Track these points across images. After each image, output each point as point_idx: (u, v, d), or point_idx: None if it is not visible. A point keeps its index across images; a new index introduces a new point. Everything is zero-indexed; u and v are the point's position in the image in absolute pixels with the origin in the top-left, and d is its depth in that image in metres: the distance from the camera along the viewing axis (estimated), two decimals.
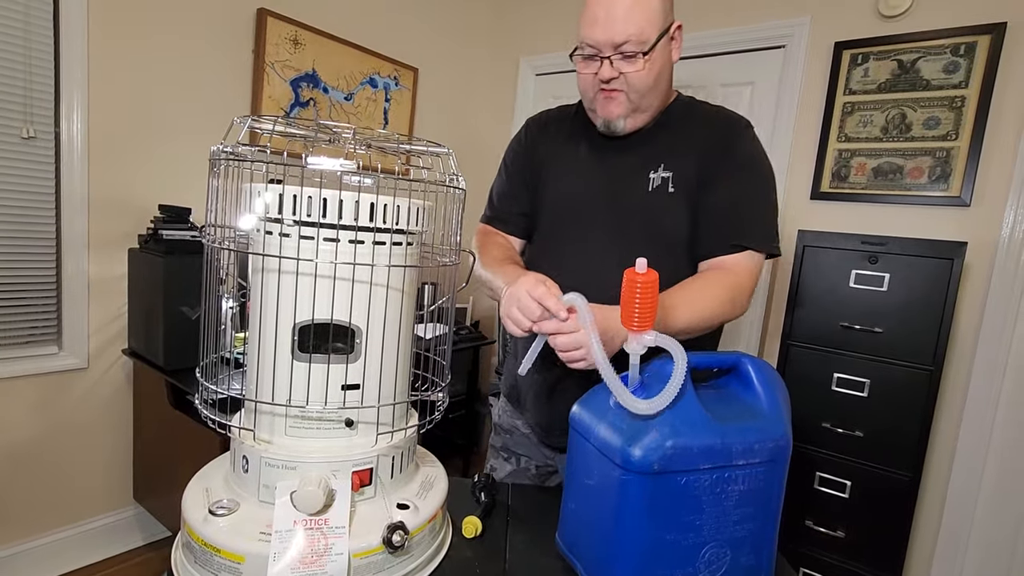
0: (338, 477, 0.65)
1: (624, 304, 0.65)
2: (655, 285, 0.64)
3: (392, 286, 0.67)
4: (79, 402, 1.73)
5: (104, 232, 1.70)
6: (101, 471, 1.82)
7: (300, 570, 0.60)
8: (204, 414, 0.66)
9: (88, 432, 1.77)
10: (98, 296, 1.72)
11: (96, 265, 1.70)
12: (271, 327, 0.64)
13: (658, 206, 0.96)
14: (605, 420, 0.68)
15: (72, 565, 1.77)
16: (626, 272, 0.65)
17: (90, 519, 1.82)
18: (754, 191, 0.94)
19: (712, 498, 0.65)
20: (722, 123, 0.97)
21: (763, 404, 0.71)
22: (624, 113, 0.94)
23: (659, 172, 0.96)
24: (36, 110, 1.55)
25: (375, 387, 0.67)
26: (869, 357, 1.51)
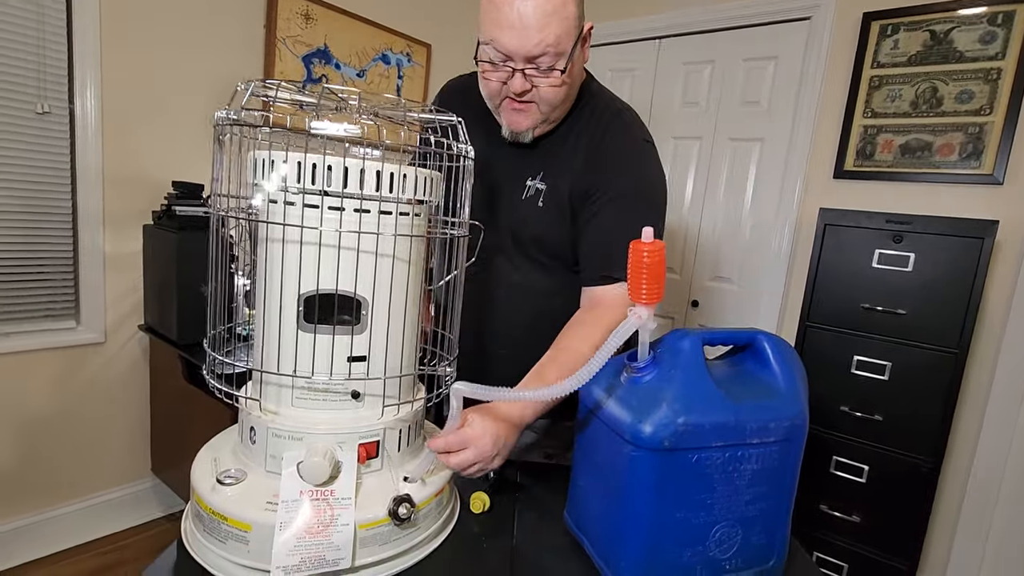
0: (344, 449, 0.65)
1: (632, 276, 0.63)
2: (662, 254, 0.62)
3: (398, 257, 0.66)
4: (97, 376, 1.77)
5: (119, 208, 1.71)
6: (119, 444, 1.86)
7: (306, 540, 0.60)
8: (211, 384, 0.66)
9: (106, 406, 1.81)
10: (114, 272, 1.74)
11: (112, 241, 1.72)
12: (277, 297, 0.64)
13: (528, 217, 0.94)
14: (615, 396, 0.67)
15: (92, 535, 1.83)
16: (632, 243, 0.63)
17: (109, 490, 1.86)
18: (633, 220, 0.85)
19: (724, 476, 0.64)
20: (611, 140, 0.90)
21: (779, 382, 0.69)
22: (533, 126, 0.89)
23: (535, 181, 0.93)
24: (50, 85, 1.55)
25: (381, 359, 0.66)
26: (891, 339, 1.46)
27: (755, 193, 2.14)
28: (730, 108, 2.17)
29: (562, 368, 0.79)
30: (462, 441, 0.69)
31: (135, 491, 1.93)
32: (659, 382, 0.65)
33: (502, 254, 0.98)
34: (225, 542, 0.61)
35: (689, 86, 2.27)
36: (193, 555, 0.64)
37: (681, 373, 0.64)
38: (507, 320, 1.00)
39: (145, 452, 1.92)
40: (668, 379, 0.64)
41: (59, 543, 1.76)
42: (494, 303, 0.99)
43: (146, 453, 1.92)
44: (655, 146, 0.94)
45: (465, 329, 0.87)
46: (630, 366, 0.68)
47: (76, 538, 1.79)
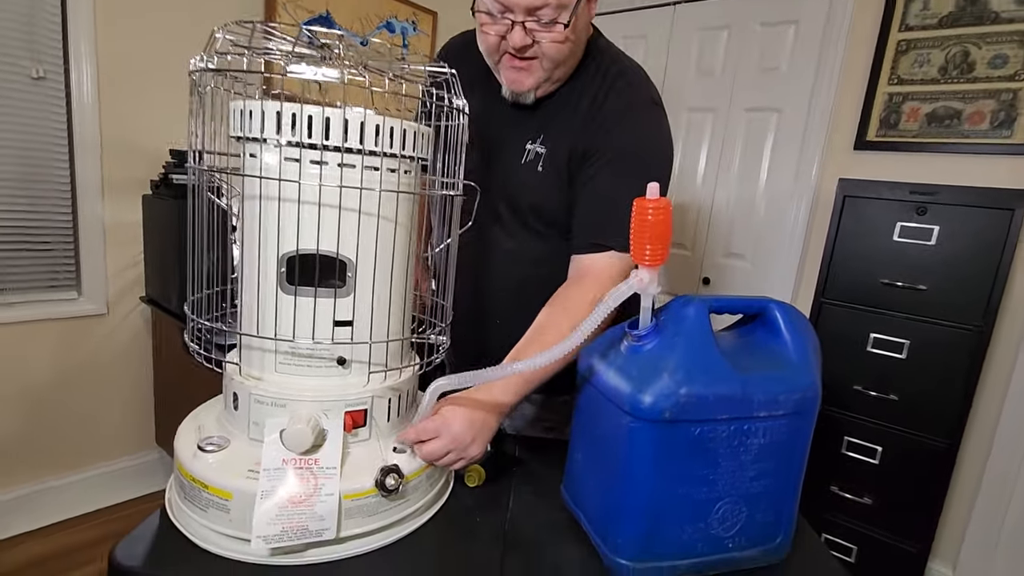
0: (330, 417, 0.62)
1: (635, 235, 0.59)
2: (667, 213, 0.58)
3: (384, 216, 0.62)
4: (100, 347, 1.76)
5: (118, 177, 1.69)
6: (123, 415, 1.87)
7: (288, 509, 0.57)
8: (192, 348, 0.63)
9: (109, 377, 1.81)
10: (115, 242, 1.73)
11: (111, 210, 1.69)
12: (259, 258, 0.60)
13: (526, 183, 0.88)
14: (614, 365, 0.63)
15: (95, 505, 1.84)
16: (636, 201, 0.58)
17: (113, 461, 1.88)
18: (632, 185, 0.75)
19: (729, 451, 0.60)
20: (614, 99, 0.84)
21: (790, 353, 0.65)
22: (535, 85, 0.83)
23: (535, 145, 0.87)
24: (44, 48, 1.52)
25: (367, 324, 0.63)
26: (910, 316, 1.40)
27: (771, 167, 2.07)
28: (746, 76, 2.08)
29: (541, 350, 0.75)
30: (433, 429, 0.66)
31: (139, 462, 1.94)
32: (661, 350, 0.61)
33: (498, 221, 0.94)
34: (206, 510, 0.59)
35: (704, 53, 2.18)
36: (175, 523, 0.62)
37: (685, 341, 0.60)
38: (503, 289, 0.96)
39: (149, 423, 1.93)
40: (670, 347, 0.60)
41: (62, 512, 1.78)
42: (489, 271, 0.95)
43: (150, 424, 1.93)
44: (663, 108, 0.88)
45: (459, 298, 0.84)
46: (630, 334, 0.64)
47: (79, 508, 1.81)
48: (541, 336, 0.77)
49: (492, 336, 0.99)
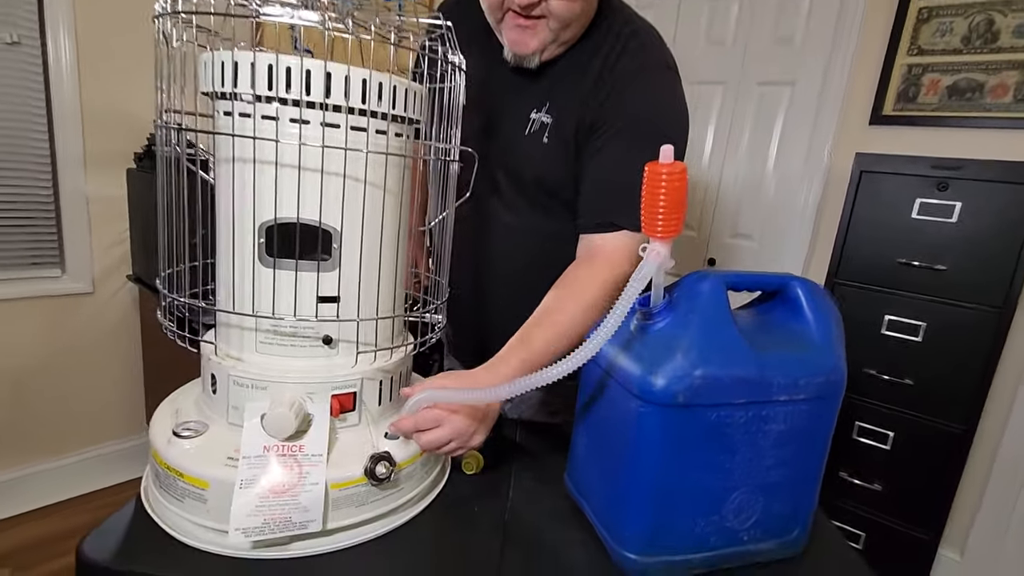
0: (315, 400, 0.58)
1: (646, 204, 0.54)
2: (683, 179, 0.52)
3: (373, 182, 0.56)
4: (86, 327, 1.71)
5: (101, 150, 1.61)
6: (112, 397, 1.83)
7: (270, 499, 0.53)
8: (165, 326, 0.59)
9: (96, 358, 1.76)
10: (100, 218, 1.66)
11: (95, 185, 1.63)
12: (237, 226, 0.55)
13: (530, 155, 0.82)
14: (623, 345, 0.58)
15: (84, 489, 1.81)
16: (648, 165, 0.53)
17: (103, 444, 1.84)
18: (643, 158, 0.68)
19: (746, 438, 0.56)
20: (626, 63, 0.77)
21: (813, 333, 0.60)
22: (540, 47, 0.76)
23: (541, 114, 0.81)
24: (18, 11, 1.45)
25: (354, 300, 0.58)
26: (927, 297, 1.35)
27: (782, 143, 1.99)
28: (759, 47, 2.00)
29: (550, 334, 0.70)
30: (434, 418, 0.61)
31: (129, 446, 1.91)
32: (674, 329, 0.56)
33: (500, 196, 0.88)
34: (182, 500, 0.55)
35: (715, 22, 2.10)
36: (150, 513, 0.58)
37: (699, 319, 0.55)
38: (507, 269, 0.91)
39: (138, 406, 1.89)
40: (684, 326, 0.55)
41: (50, 496, 1.74)
42: (491, 250, 0.90)
43: (139, 407, 1.89)
44: (678, 74, 0.82)
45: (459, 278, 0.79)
46: (641, 311, 0.59)
47: (68, 492, 1.78)
48: (550, 318, 0.72)
49: (496, 318, 0.94)
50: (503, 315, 0.91)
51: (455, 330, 1.02)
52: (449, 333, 1.04)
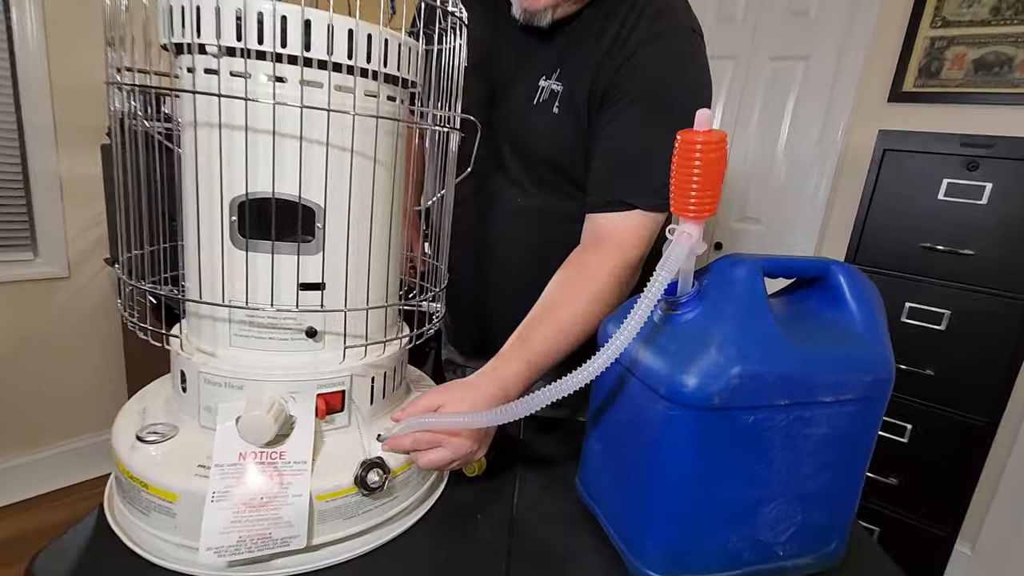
0: (298, 400, 0.51)
1: (677, 178, 0.46)
2: (721, 149, 0.45)
3: (362, 151, 0.49)
4: (62, 313, 1.63)
5: (73, 124, 1.51)
6: (91, 387, 1.75)
7: (246, 514, 0.47)
8: (124, 316, 0.52)
9: (74, 345, 1.68)
10: (74, 198, 1.57)
11: (67, 162, 1.53)
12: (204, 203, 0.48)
13: (539, 127, 0.75)
14: (646, 338, 0.52)
15: (68, 480, 1.74)
16: (681, 134, 0.46)
17: (82, 437, 1.76)
18: (660, 132, 0.64)
19: (785, 443, 0.49)
20: (645, 26, 0.69)
21: (857, 325, 0.53)
22: (554, 3, 0.68)
23: (550, 81, 0.73)
24: None
25: (341, 288, 0.51)
26: (952, 284, 1.28)
27: (794, 121, 1.91)
28: (772, 21, 1.91)
29: (552, 330, 0.64)
30: (432, 440, 0.55)
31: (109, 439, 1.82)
32: (706, 321, 0.49)
33: (500, 171, 0.81)
34: (148, 513, 0.49)
35: None
36: (113, 526, 0.52)
37: (735, 309, 0.49)
38: (508, 252, 0.84)
39: (121, 397, 1.81)
40: (717, 317, 0.49)
41: (25, 491, 1.67)
42: (491, 231, 0.83)
43: (122, 398, 1.82)
44: (703, 39, 0.74)
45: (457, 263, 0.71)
46: (666, 301, 0.52)
47: (43, 486, 1.70)
48: (552, 314, 0.66)
49: (498, 306, 0.87)
50: (506, 303, 0.84)
51: (454, 318, 0.95)
52: (448, 321, 0.98)
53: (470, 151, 0.68)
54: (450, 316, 0.94)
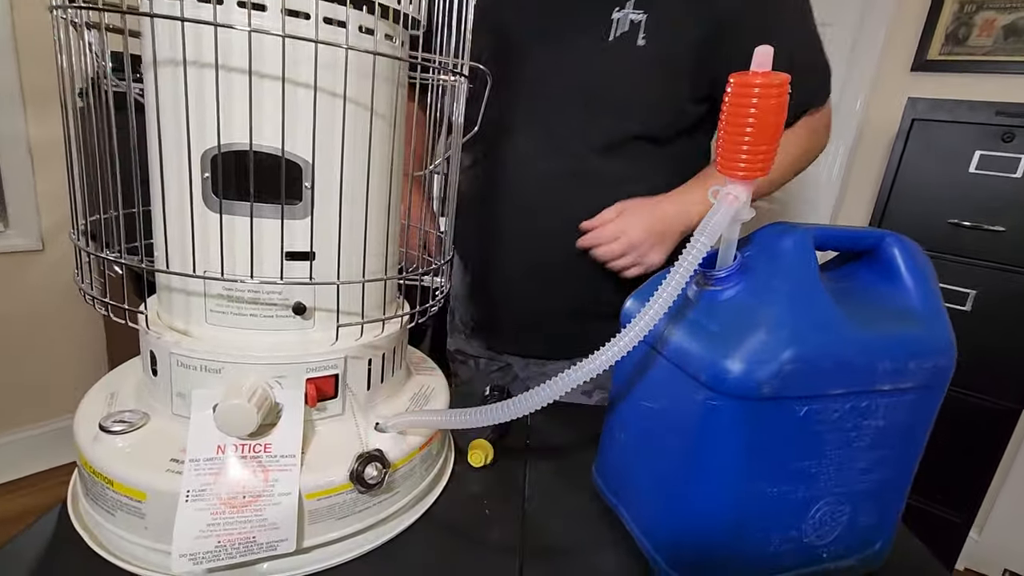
0: (285, 386, 0.45)
1: (727, 130, 0.40)
2: (783, 95, 0.38)
3: (356, 99, 0.42)
4: (36, 288, 1.54)
5: (41, 84, 1.40)
6: (70, 366, 1.67)
7: (224, 516, 0.41)
8: (81, 288, 0.45)
9: (49, 322, 1.60)
10: (45, 164, 1.46)
11: (37, 125, 1.42)
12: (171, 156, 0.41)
13: (614, 68, 0.65)
14: (681, 317, 0.45)
15: (42, 465, 1.67)
16: (735, 77, 0.39)
17: (61, 417, 1.69)
18: (805, 27, 0.66)
19: (839, 436, 0.43)
20: None
21: (915, 303, 0.47)
22: None
23: (626, 10, 0.63)
24: None
25: (333, 257, 0.45)
26: (980, 262, 1.22)
27: None
28: None
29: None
30: (613, 232, 0.63)
31: None
32: (751, 298, 0.43)
33: (542, 129, 0.70)
34: (114, 513, 0.43)
35: None
36: (76, 526, 0.46)
37: (786, 285, 0.43)
38: (550, 226, 0.72)
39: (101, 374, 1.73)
40: (766, 294, 0.42)
41: (9, 471, 1.60)
42: (525, 199, 0.73)
43: (102, 375, 1.74)
44: None
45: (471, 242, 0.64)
46: (704, 274, 0.46)
47: (18, 470, 1.63)
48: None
49: (538, 293, 0.76)
50: (534, 300, 0.75)
51: (476, 301, 0.85)
52: (467, 306, 0.88)
53: (478, 100, 0.61)
54: (472, 301, 0.86)
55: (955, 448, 1.31)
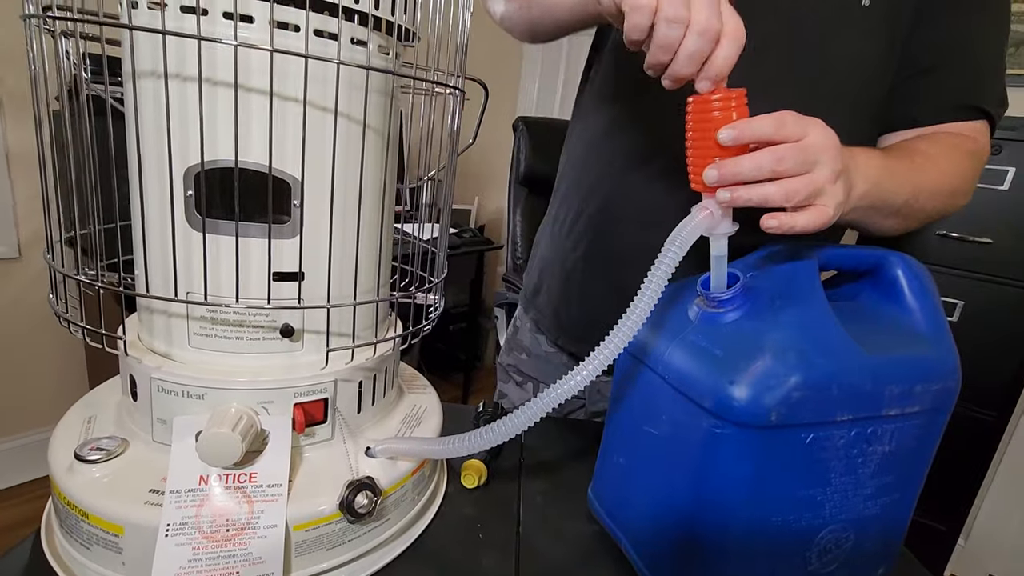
0: (272, 412, 0.43)
1: (695, 143, 0.40)
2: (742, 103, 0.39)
3: (348, 113, 0.40)
4: (13, 298, 1.49)
5: (17, 90, 1.36)
6: (53, 377, 1.62)
7: (207, 551, 0.39)
8: (56, 310, 0.43)
9: (26, 333, 1.55)
10: (23, 170, 1.42)
11: (14, 131, 1.38)
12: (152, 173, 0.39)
13: (836, 26, 0.57)
14: (684, 338, 0.44)
15: (24, 477, 1.62)
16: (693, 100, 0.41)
17: (40, 430, 1.64)
18: (998, 32, 0.58)
19: (845, 464, 0.43)
20: None
21: (919, 325, 0.47)
22: None
23: None
24: None
25: (323, 278, 0.43)
26: (967, 273, 1.24)
27: None
28: None
29: (903, 166, 0.52)
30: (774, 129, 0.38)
31: None
32: (755, 321, 0.42)
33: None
34: (90, 547, 0.40)
35: None
36: (49, 559, 0.43)
37: (792, 308, 0.42)
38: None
39: (82, 388, 1.69)
40: (771, 317, 0.42)
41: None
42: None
43: (83, 389, 1.69)
44: None
45: None
46: (706, 296, 0.45)
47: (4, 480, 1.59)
48: (919, 160, 0.54)
49: None
50: None
51: (557, 305, 0.79)
52: (546, 307, 0.82)
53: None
54: (554, 301, 0.80)
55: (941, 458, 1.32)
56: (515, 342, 0.89)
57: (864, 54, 0.58)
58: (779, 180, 0.38)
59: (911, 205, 0.52)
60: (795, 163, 0.38)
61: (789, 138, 0.38)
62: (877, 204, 0.49)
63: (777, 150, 0.37)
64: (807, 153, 0.38)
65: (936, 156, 0.55)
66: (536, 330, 0.85)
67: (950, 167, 0.55)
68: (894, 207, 0.51)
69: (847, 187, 0.43)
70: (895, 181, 0.50)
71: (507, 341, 0.91)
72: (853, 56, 0.58)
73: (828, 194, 0.40)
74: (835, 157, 0.40)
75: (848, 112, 0.58)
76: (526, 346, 0.87)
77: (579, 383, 0.40)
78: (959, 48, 0.58)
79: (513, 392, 0.88)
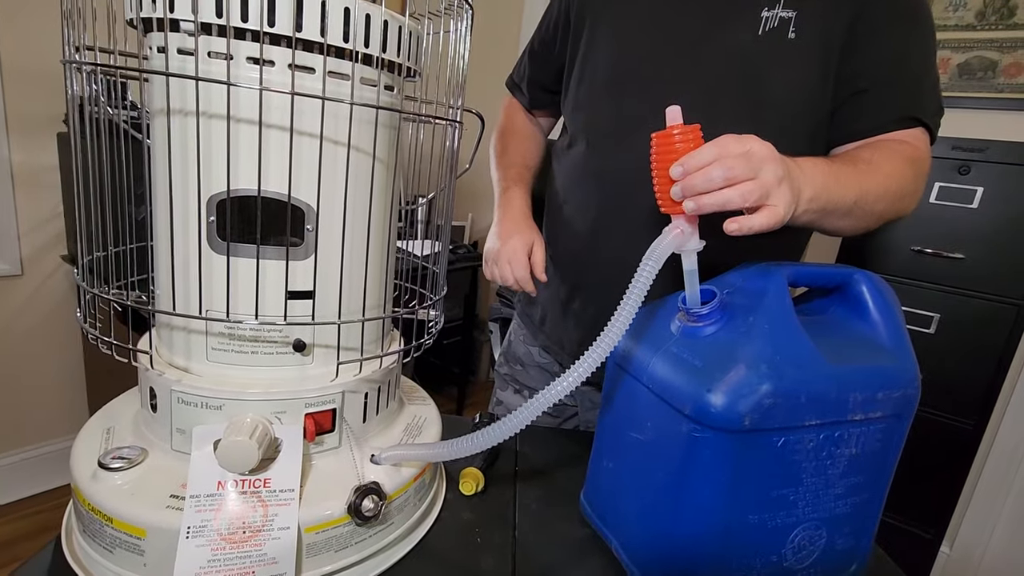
0: (284, 422, 0.46)
1: (659, 175, 0.46)
2: (697, 136, 0.45)
3: (359, 146, 0.44)
4: (15, 315, 1.51)
5: (25, 110, 1.39)
6: (52, 393, 1.63)
7: (225, 552, 0.42)
8: (84, 328, 0.46)
9: (28, 349, 1.56)
10: (27, 189, 1.45)
11: (20, 150, 1.41)
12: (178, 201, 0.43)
13: (768, 58, 0.64)
14: (666, 350, 0.48)
15: (24, 492, 1.62)
16: (656, 137, 0.46)
17: (39, 445, 1.64)
18: (926, 47, 0.64)
19: (815, 465, 0.46)
20: None
21: (882, 337, 0.51)
22: None
23: (776, 10, 0.64)
24: None
25: (334, 296, 0.46)
26: (943, 288, 1.29)
27: None
28: None
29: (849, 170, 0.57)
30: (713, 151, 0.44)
31: (67, 447, 1.70)
32: (732, 335, 0.46)
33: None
34: (112, 551, 0.43)
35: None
36: (71, 563, 0.46)
37: (764, 322, 0.45)
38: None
39: (82, 403, 1.70)
40: (746, 330, 0.45)
41: None
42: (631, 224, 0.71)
43: (83, 404, 1.70)
44: None
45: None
46: (686, 311, 0.49)
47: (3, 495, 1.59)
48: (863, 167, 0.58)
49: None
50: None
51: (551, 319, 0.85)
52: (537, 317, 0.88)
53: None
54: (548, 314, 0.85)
55: (924, 466, 1.36)
56: (511, 354, 0.92)
57: (796, 82, 0.65)
58: (733, 185, 0.43)
59: (860, 207, 0.57)
60: (743, 170, 0.43)
61: (732, 154, 0.43)
62: (828, 207, 0.54)
63: (725, 161, 0.43)
64: (751, 160, 0.44)
65: (879, 161, 0.60)
66: (531, 340, 0.89)
67: (893, 170, 0.60)
68: (844, 208, 0.56)
69: (794, 190, 0.48)
70: (841, 184, 0.55)
71: (503, 353, 0.95)
72: (788, 83, 0.65)
73: (776, 195, 0.46)
74: (776, 164, 0.45)
75: (789, 134, 0.63)
76: (520, 357, 0.90)
77: (568, 386, 0.43)
78: (896, 64, 0.63)
79: (511, 399, 0.92)
